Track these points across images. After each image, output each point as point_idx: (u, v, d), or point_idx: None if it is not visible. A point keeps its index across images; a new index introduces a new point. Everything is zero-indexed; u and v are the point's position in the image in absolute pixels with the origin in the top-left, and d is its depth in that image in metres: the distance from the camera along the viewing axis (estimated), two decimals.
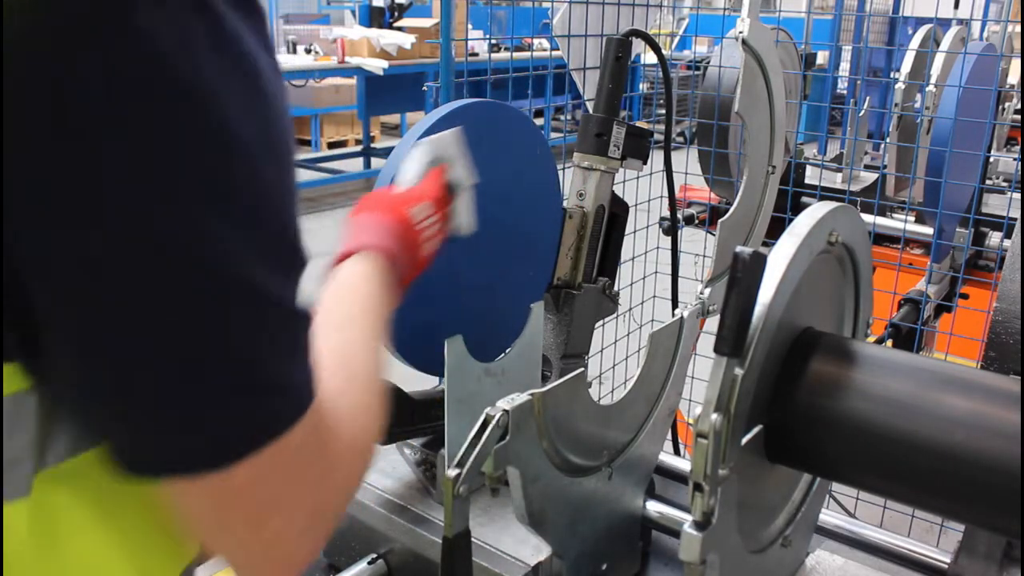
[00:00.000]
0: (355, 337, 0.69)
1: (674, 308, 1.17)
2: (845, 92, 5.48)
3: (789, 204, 2.07)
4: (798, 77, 2.61)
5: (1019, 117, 2.99)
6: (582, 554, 1.04)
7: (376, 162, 8.38)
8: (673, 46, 7.39)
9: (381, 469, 1.22)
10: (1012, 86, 2.93)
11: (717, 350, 0.69)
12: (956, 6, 4.10)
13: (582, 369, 0.99)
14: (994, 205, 2.58)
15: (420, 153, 1.00)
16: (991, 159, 2.54)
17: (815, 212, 0.81)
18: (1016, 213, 2.05)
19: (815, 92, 4.60)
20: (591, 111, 1.35)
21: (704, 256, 1.99)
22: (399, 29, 7.72)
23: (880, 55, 6.28)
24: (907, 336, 1.98)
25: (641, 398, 1.10)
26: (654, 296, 2.09)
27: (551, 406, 0.92)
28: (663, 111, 1.68)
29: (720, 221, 1.33)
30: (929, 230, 2.18)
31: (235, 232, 0.46)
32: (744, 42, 1.26)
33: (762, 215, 1.40)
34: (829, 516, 1.21)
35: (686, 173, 2.16)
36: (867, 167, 3.13)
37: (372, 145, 8.79)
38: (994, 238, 2.29)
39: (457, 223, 1.01)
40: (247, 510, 0.52)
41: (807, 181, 2.55)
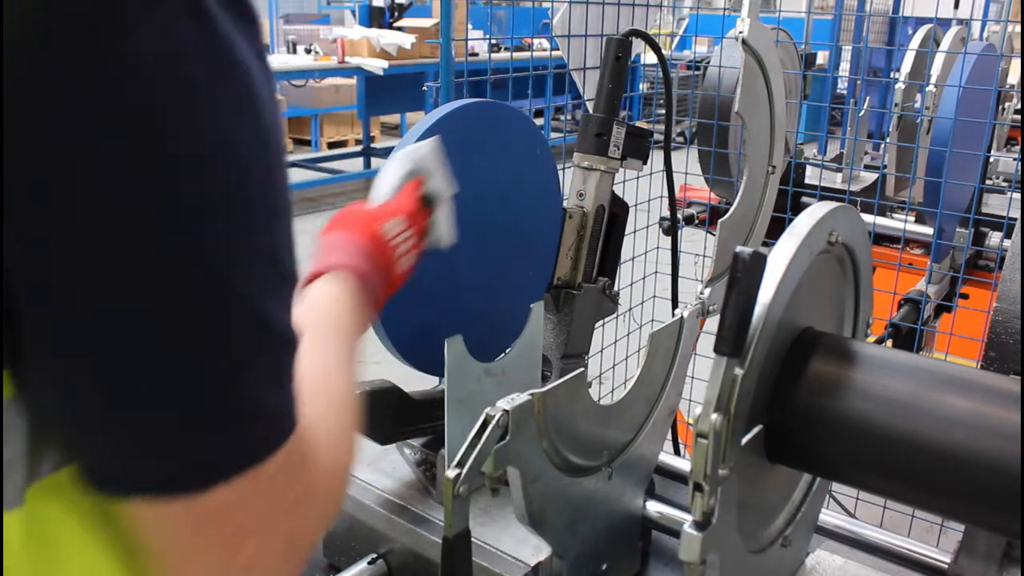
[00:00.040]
0: (330, 361, 0.67)
1: (674, 308, 1.17)
2: (845, 92, 5.48)
3: (789, 204, 2.07)
4: (798, 77, 2.61)
5: (1019, 117, 2.99)
6: (582, 554, 1.04)
7: (376, 162, 8.38)
8: (673, 46, 7.39)
9: (381, 469, 1.23)
10: (1012, 86, 2.93)
11: (717, 350, 0.69)
12: (956, 6, 4.10)
13: (582, 369, 0.99)
14: (994, 205, 2.58)
15: (395, 166, 0.98)
16: (991, 159, 2.54)
17: (815, 212, 0.81)
18: (1016, 213, 2.05)
19: (815, 92, 4.60)
20: (591, 111, 1.35)
21: (704, 256, 1.99)
22: (399, 29, 7.72)
23: (880, 55, 6.28)
24: (907, 336, 1.98)
25: (641, 398, 1.10)
26: (654, 296, 2.09)
27: (551, 406, 0.92)
28: (663, 111, 1.68)
29: (720, 221, 1.33)
30: (929, 230, 2.18)
31: (232, 241, 0.45)
32: (744, 42, 1.26)
33: (762, 215, 1.40)
34: (829, 516, 1.21)
35: (686, 173, 2.16)
36: (867, 167, 3.13)
37: (372, 145, 8.80)
38: (994, 238, 2.30)
39: (436, 236, 0.98)
40: (221, 535, 0.50)
41: (807, 181, 2.56)
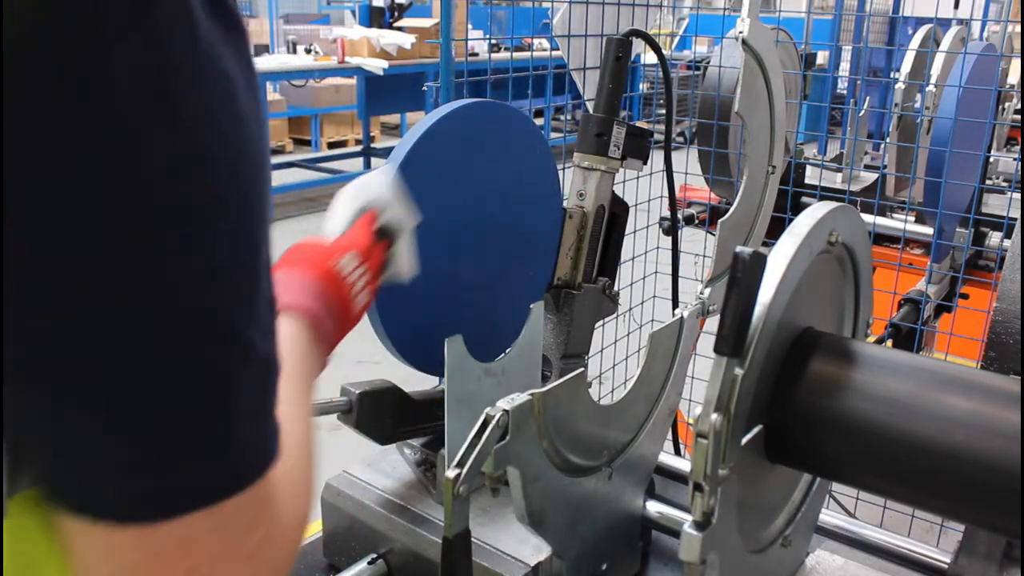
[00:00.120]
0: (286, 407, 0.67)
1: (674, 308, 1.17)
2: (845, 92, 5.49)
3: (789, 204, 2.07)
4: (798, 77, 2.61)
5: (1019, 117, 2.99)
6: (582, 554, 1.04)
7: (376, 162, 8.39)
8: (673, 46, 7.39)
9: (381, 469, 1.22)
10: (1012, 86, 2.93)
11: (717, 350, 0.69)
12: (956, 6, 4.10)
13: (582, 369, 0.99)
14: (994, 205, 2.58)
15: (346, 200, 0.95)
16: (991, 159, 2.54)
17: (815, 212, 0.81)
18: (1016, 213, 2.05)
19: (815, 92, 4.60)
20: (591, 111, 1.34)
21: (704, 256, 1.99)
22: (399, 29, 7.73)
23: (880, 55, 6.28)
24: (907, 336, 1.98)
25: (641, 398, 1.10)
26: (654, 296, 2.09)
27: (551, 406, 0.92)
28: (663, 111, 1.68)
29: (720, 221, 1.33)
30: (929, 230, 2.18)
31: (213, 250, 0.43)
32: (744, 42, 1.26)
33: (762, 215, 1.40)
34: (829, 516, 1.21)
35: (686, 173, 2.16)
36: (867, 167, 3.13)
37: (372, 145, 8.81)
38: (994, 238, 2.30)
39: (396, 269, 0.96)
40: (172, 574, 0.46)
41: (807, 181, 2.56)
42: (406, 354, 1.14)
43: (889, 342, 1.97)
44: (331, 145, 9.59)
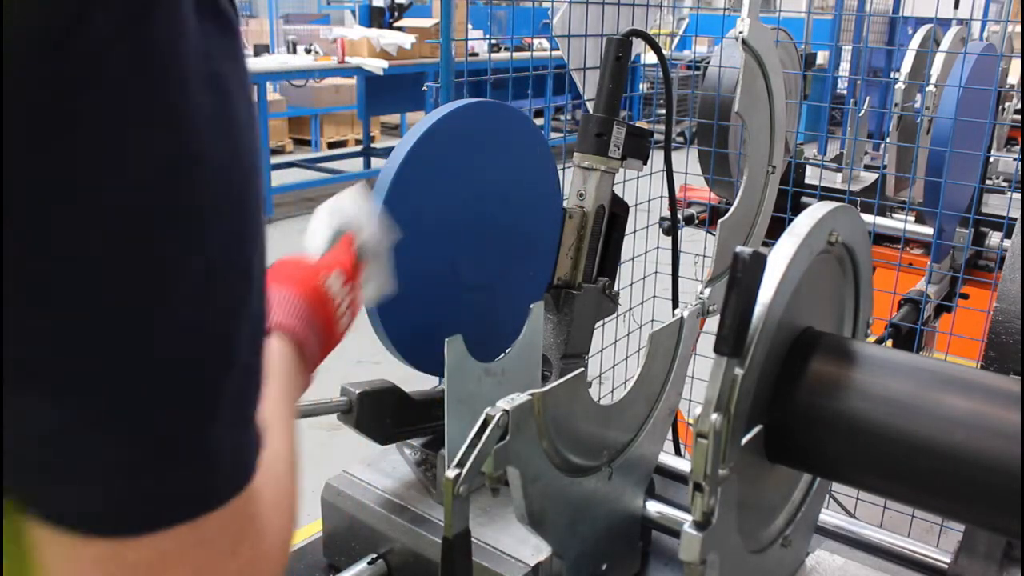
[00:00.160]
0: (272, 426, 0.64)
1: (674, 308, 1.17)
2: (845, 92, 5.49)
3: (789, 204, 2.07)
4: (798, 77, 2.61)
5: (1019, 117, 2.99)
6: (582, 554, 1.04)
7: (376, 162, 8.39)
8: (673, 46, 7.39)
9: (381, 469, 1.22)
10: (1012, 86, 2.93)
11: (717, 350, 0.69)
12: (956, 6, 4.10)
13: (582, 369, 0.99)
14: (994, 205, 2.58)
15: (322, 221, 0.94)
16: (991, 159, 2.54)
17: (815, 212, 0.81)
18: (1016, 213, 2.05)
19: (815, 92, 4.60)
20: (591, 111, 1.35)
21: (704, 256, 1.99)
22: (399, 29, 7.73)
23: (880, 55, 6.28)
24: (907, 336, 1.98)
25: (641, 398, 1.10)
26: (654, 296, 2.09)
27: (551, 406, 0.92)
28: (663, 111, 1.68)
29: (720, 221, 1.33)
30: (929, 230, 2.18)
31: (206, 249, 0.42)
32: (744, 42, 1.26)
33: (762, 215, 1.40)
34: (829, 516, 1.21)
35: (686, 173, 2.16)
36: (867, 167, 3.14)
37: (372, 145, 8.81)
38: (994, 238, 2.30)
39: (371, 292, 0.95)
40: None
41: (807, 181, 2.56)
42: (406, 354, 1.14)
43: (889, 342, 1.97)
44: (331, 145, 9.59)
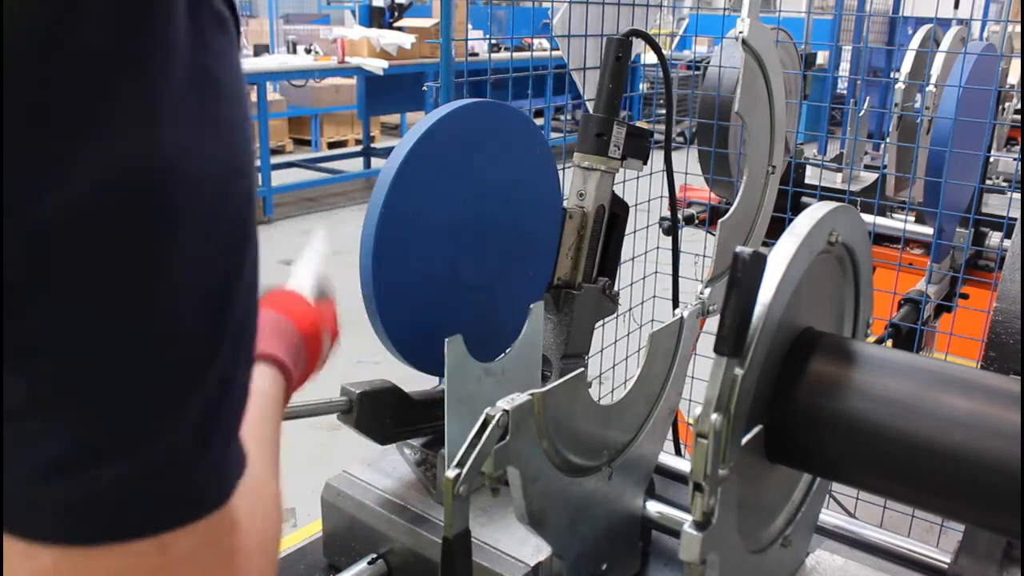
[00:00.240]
0: (256, 461, 0.60)
1: (674, 308, 1.17)
2: (845, 92, 5.49)
3: (789, 204, 2.07)
4: (798, 77, 2.61)
5: (1019, 117, 2.99)
6: (582, 554, 1.04)
7: (376, 162, 8.40)
8: (673, 46, 7.39)
9: (381, 469, 1.22)
10: (1012, 86, 2.93)
11: (717, 350, 0.69)
12: (956, 6, 4.10)
13: (582, 369, 0.99)
14: (994, 205, 2.58)
15: (310, 265, 0.98)
16: (991, 159, 2.54)
17: (815, 212, 0.81)
18: (1016, 213, 2.05)
19: (815, 92, 4.60)
20: (591, 111, 1.35)
21: (704, 256, 1.99)
22: (399, 29, 7.73)
23: (880, 55, 6.27)
24: (907, 336, 1.98)
25: (641, 398, 1.10)
26: (654, 296, 2.09)
27: (551, 406, 0.92)
28: (663, 111, 1.68)
29: (720, 221, 1.33)
30: (929, 230, 2.18)
31: (202, 252, 0.41)
32: (744, 42, 1.26)
33: (762, 215, 1.40)
34: (829, 516, 1.21)
35: (686, 173, 2.16)
36: (867, 167, 3.14)
37: (372, 145, 8.81)
38: (994, 238, 2.30)
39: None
40: None
41: (807, 181, 2.56)
42: (406, 354, 1.14)
43: (889, 342, 1.97)
44: (331, 145, 9.59)
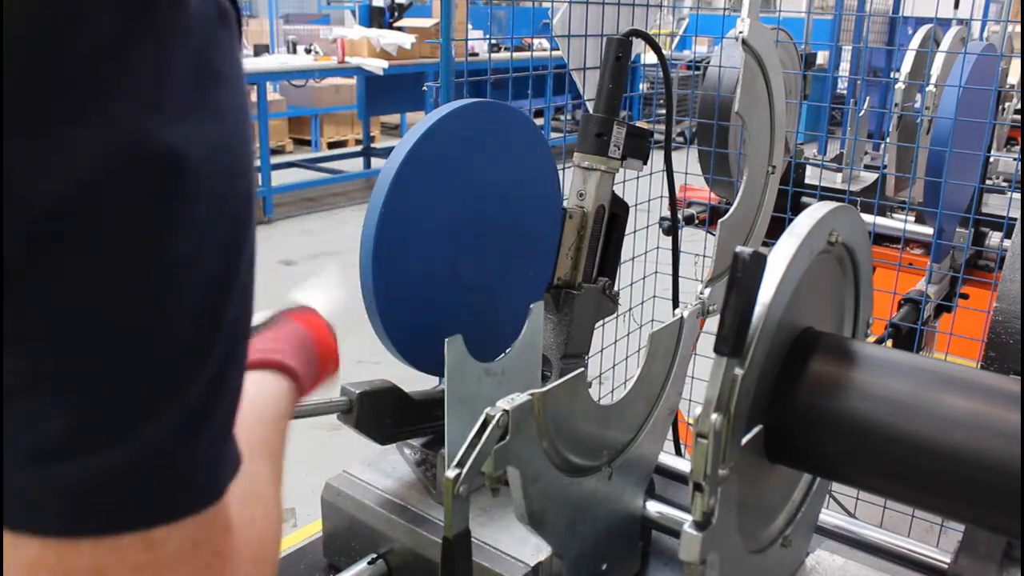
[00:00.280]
0: (260, 471, 0.59)
1: (674, 308, 1.17)
2: (845, 92, 5.49)
3: (789, 204, 2.07)
4: (798, 77, 2.61)
5: (1019, 117, 2.99)
6: (582, 554, 1.04)
7: (376, 162, 8.40)
8: (673, 46, 7.40)
9: (381, 469, 1.22)
10: (1012, 86, 2.93)
11: (717, 350, 0.69)
12: (956, 6, 4.10)
13: (582, 369, 0.99)
14: (994, 205, 2.58)
15: (325, 284, 1.02)
16: (991, 159, 2.54)
17: (815, 212, 0.81)
18: (1016, 213, 2.05)
19: (815, 92, 4.60)
20: (591, 111, 1.35)
21: (704, 256, 1.99)
22: (399, 29, 7.73)
23: (880, 55, 6.27)
24: (907, 336, 1.98)
25: (641, 398, 1.10)
26: (654, 296, 2.09)
27: (551, 406, 0.92)
28: (663, 111, 1.68)
29: (720, 221, 1.33)
30: (929, 230, 2.18)
31: (200, 249, 0.41)
32: (744, 42, 1.26)
33: (762, 215, 1.40)
34: (829, 516, 1.21)
35: (686, 173, 2.16)
36: (867, 167, 3.14)
37: (372, 145, 8.82)
38: (994, 238, 2.30)
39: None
40: None
41: (807, 181, 2.56)
42: (406, 354, 1.14)
43: (889, 342, 1.97)
44: (331, 145, 9.59)
